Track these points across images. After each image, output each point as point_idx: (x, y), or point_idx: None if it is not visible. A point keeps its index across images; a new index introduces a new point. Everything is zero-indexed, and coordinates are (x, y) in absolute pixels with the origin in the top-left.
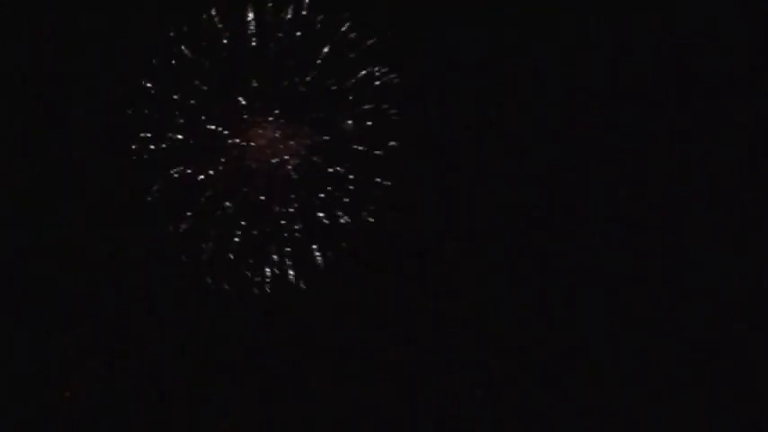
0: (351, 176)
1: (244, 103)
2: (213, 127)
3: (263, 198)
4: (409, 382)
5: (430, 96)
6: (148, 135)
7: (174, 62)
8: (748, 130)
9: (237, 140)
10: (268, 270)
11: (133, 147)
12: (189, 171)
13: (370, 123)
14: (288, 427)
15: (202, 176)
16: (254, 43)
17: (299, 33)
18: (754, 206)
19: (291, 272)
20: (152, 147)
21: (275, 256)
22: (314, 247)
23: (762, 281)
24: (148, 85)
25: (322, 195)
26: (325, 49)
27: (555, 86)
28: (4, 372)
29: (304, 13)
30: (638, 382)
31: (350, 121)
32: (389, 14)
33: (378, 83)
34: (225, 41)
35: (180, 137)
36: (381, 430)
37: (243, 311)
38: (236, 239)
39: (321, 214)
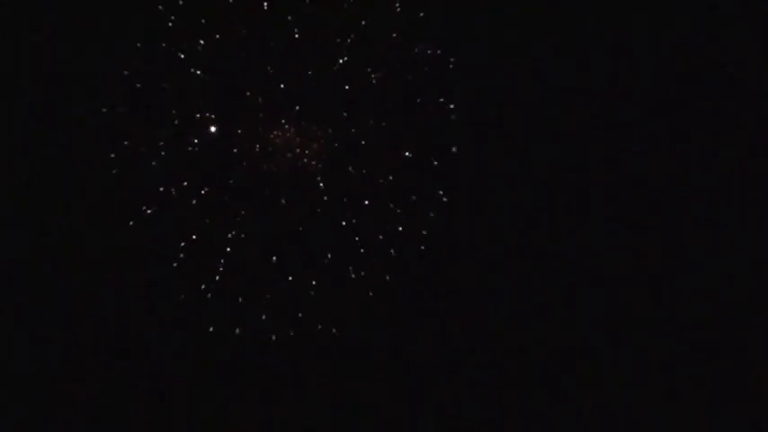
0: (381, 182)
1: (260, 100)
2: (223, 128)
3: (283, 202)
4: (410, 382)
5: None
6: (152, 136)
7: (181, 56)
8: (748, 130)
9: (252, 143)
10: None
11: (140, 149)
12: (197, 176)
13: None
14: (288, 427)
15: (213, 184)
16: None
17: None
18: (754, 206)
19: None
20: (157, 149)
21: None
22: (348, 268)
23: (762, 281)
24: (151, 81)
25: (346, 200)
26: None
27: (555, 86)
28: (4, 372)
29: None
30: (637, 382)
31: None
32: None
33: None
34: (235, 28)
35: (194, 140)
36: (381, 430)
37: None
38: (252, 249)
39: (344, 223)
